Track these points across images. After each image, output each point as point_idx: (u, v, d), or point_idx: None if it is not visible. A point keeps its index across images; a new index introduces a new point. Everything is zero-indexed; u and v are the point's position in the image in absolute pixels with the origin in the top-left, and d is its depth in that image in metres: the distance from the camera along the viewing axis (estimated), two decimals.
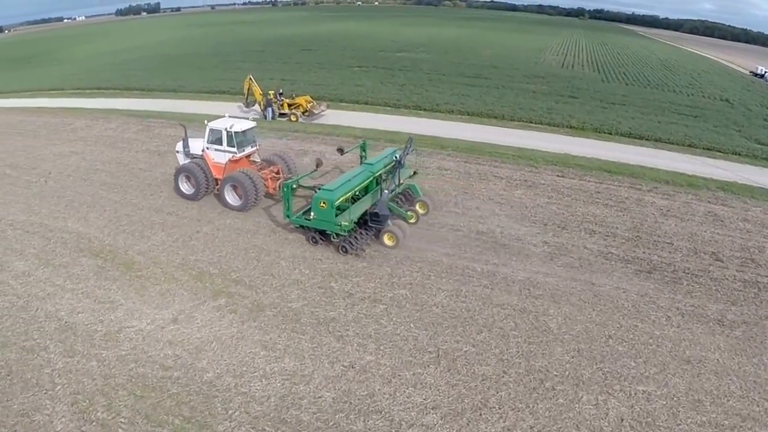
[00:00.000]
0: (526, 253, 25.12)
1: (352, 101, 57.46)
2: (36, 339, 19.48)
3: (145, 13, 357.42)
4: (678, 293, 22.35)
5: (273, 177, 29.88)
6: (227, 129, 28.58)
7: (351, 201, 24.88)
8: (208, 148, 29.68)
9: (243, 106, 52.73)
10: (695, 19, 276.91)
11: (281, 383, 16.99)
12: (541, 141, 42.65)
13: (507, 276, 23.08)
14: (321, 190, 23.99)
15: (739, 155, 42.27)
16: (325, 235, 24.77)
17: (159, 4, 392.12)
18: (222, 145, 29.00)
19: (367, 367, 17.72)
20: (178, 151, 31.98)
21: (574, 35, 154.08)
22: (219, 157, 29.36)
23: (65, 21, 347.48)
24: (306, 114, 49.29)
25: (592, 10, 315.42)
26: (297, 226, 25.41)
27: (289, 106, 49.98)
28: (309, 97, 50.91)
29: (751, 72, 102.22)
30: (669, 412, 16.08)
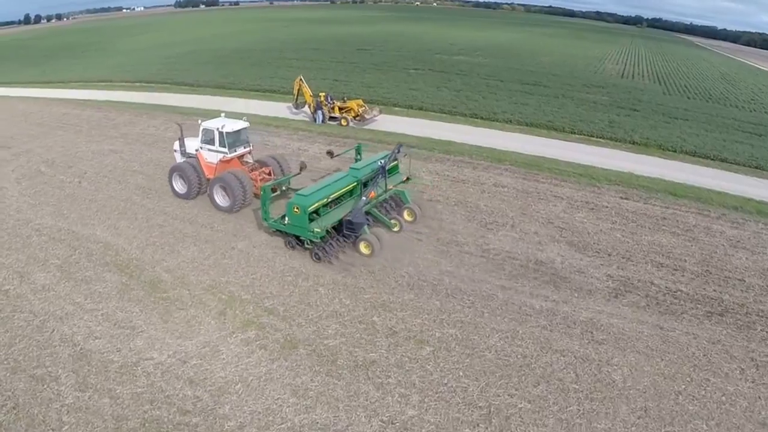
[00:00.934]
0: (588, 288, 22.70)
1: (406, 106, 55.31)
2: (48, 366, 18.19)
3: (203, 6, 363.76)
4: (752, 340, 19.81)
5: (264, 178, 29.54)
6: (219, 129, 28.50)
7: (330, 207, 24.76)
8: (201, 148, 29.81)
9: (292, 107, 51.19)
10: (753, 31, 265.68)
11: None
12: (603, 157, 39.72)
13: (568, 315, 20.74)
14: (295, 195, 23.86)
15: None
16: (301, 241, 24.29)
17: None
18: (215, 145, 28.98)
19: (409, 424, 15.66)
20: (175, 150, 32.07)
21: (633, 44, 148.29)
22: (211, 156, 29.36)
23: (124, 11, 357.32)
24: (357, 119, 47.42)
25: (650, 18, 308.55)
26: (274, 230, 25.01)
27: (339, 109, 48.21)
28: (361, 101, 49.00)
29: None
30: None
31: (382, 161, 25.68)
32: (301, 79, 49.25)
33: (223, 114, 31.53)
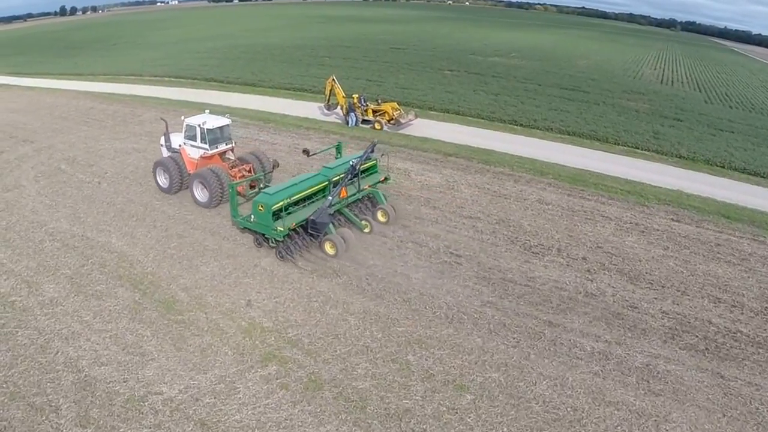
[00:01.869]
0: (643, 327, 20.42)
1: (442, 110, 53.19)
2: (49, 394, 16.70)
3: (237, 0, 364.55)
4: None
5: (243, 176, 29.66)
6: (200, 125, 28.81)
7: (301, 205, 24.79)
8: (184, 143, 30.13)
9: (324, 108, 49.43)
10: None
11: None
12: (650, 172, 37.16)
13: (622, 360, 18.53)
14: (261, 194, 24.02)
15: None
16: (267, 239, 24.13)
17: None
18: (197, 141, 29.36)
19: None
20: (161, 145, 32.29)
21: (668, 48, 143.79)
22: (194, 152, 29.77)
23: (159, 4, 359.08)
24: (392, 122, 45.41)
25: (684, 22, 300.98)
26: (242, 228, 25.00)
27: (373, 112, 46.31)
28: (396, 104, 47.01)
29: None
30: None
31: (354, 161, 25.41)
32: (333, 79, 47.47)
33: (207, 111, 31.64)
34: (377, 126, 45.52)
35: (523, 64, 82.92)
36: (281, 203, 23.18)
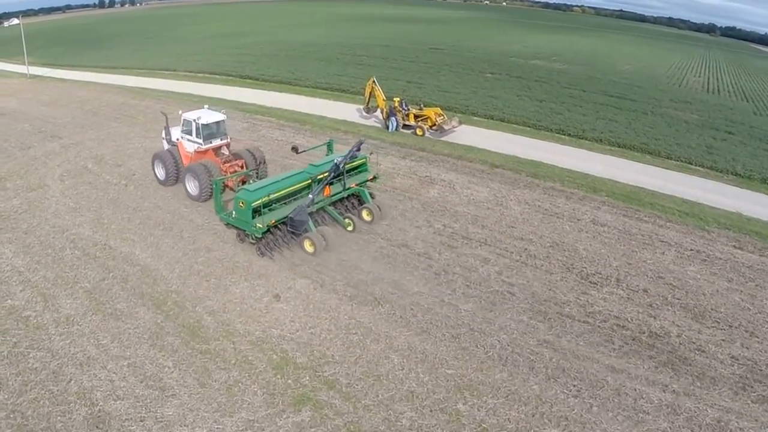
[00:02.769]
0: (712, 375, 18.10)
1: (486, 116, 50.86)
2: (59, 430, 15.09)
3: None
4: None
5: (235, 171, 30.01)
6: (196, 120, 29.40)
7: (281, 202, 24.71)
8: (181, 138, 30.80)
9: (363, 111, 47.58)
10: None
11: None
12: (706, 192, 34.36)
13: (692, 415, 16.29)
14: (242, 190, 24.20)
15: None
16: (248, 235, 24.20)
17: None
18: (192, 135, 29.92)
19: None
20: (163, 138, 32.97)
21: (711, 54, 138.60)
22: (190, 146, 30.33)
23: None
24: (434, 129, 43.29)
25: (723, 27, 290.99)
26: (225, 223, 25.33)
27: (415, 117, 44.25)
28: (439, 110, 44.89)
29: None
30: None
31: (338, 159, 25.40)
32: (374, 81, 45.56)
33: (206, 106, 32.28)
34: (419, 132, 43.50)
35: (565, 69, 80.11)
36: (261, 200, 23.22)
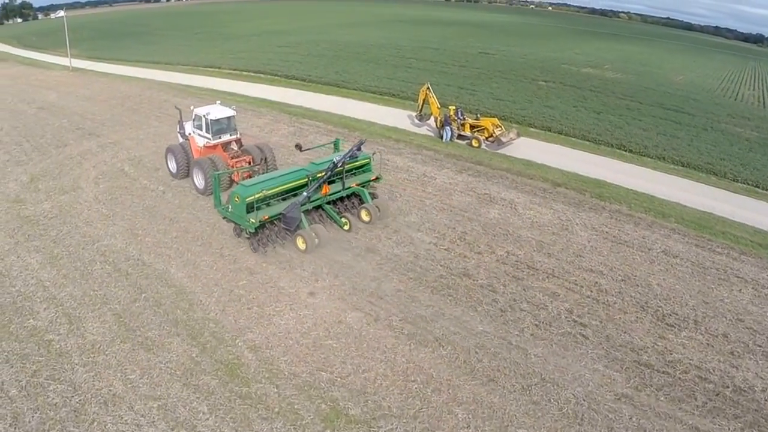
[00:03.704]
0: None
1: (543, 127, 48.15)
2: None
3: None
4: None
5: (241, 166, 30.39)
6: (205, 116, 30.03)
7: (278, 198, 24.79)
8: (193, 132, 31.41)
9: (415, 118, 45.40)
10: None
11: None
12: None
13: None
14: (238, 185, 24.52)
15: None
16: (242, 229, 24.64)
17: None
18: (202, 130, 30.55)
19: None
20: (178, 132, 33.52)
21: (762, 66, 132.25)
22: (200, 141, 30.92)
23: None
24: (491, 140, 40.83)
25: None
26: (223, 217, 25.55)
27: (471, 127, 41.86)
28: (496, 120, 42.38)
29: None
30: None
31: (337, 158, 25.64)
32: (428, 88, 43.34)
33: (218, 102, 32.51)
34: (474, 143, 41.09)
35: (618, 78, 76.70)
36: (256, 196, 23.41)
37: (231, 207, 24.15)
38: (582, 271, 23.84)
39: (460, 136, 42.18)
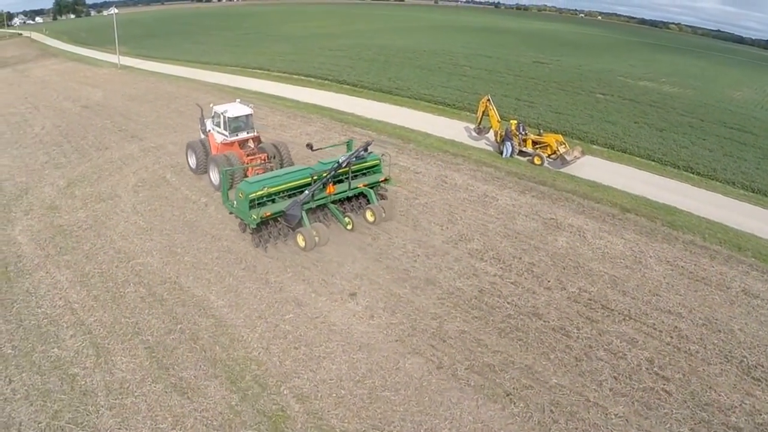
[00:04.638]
0: None
1: (606, 145, 45.19)
2: None
3: None
4: None
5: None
6: (223, 113, 30.90)
7: (282, 196, 25.11)
8: (212, 129, 32.27)
9: (473, 131, 43.07)
10: None
11: None
12: None
13: None
14: (243, 181, 25.21)
15: None
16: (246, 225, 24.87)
17: None
18: (221, 127, 31.38)
19: None
20: (200, 128, 34.49)
21: None
22: (219, 138, 31.69)
23: None
24: (554, 158, 38.23)
25: None
26: (229, 212, 26.01)
27: (533, 143, 39.33)
28: (560, 137, 39.71)
29: None
30: None
31: (342, 158, 25.88)
32: (488, 100, 40.98)
33: (238, 100, 33.09)
34: (537, 160, 38.50)
35: (676, 93, 72.89)
36: (257, 193, 23.85)
37: (236, 202, 24.66)
38: (660, 313, 21.27)
39: (521, 153, 39.69)
